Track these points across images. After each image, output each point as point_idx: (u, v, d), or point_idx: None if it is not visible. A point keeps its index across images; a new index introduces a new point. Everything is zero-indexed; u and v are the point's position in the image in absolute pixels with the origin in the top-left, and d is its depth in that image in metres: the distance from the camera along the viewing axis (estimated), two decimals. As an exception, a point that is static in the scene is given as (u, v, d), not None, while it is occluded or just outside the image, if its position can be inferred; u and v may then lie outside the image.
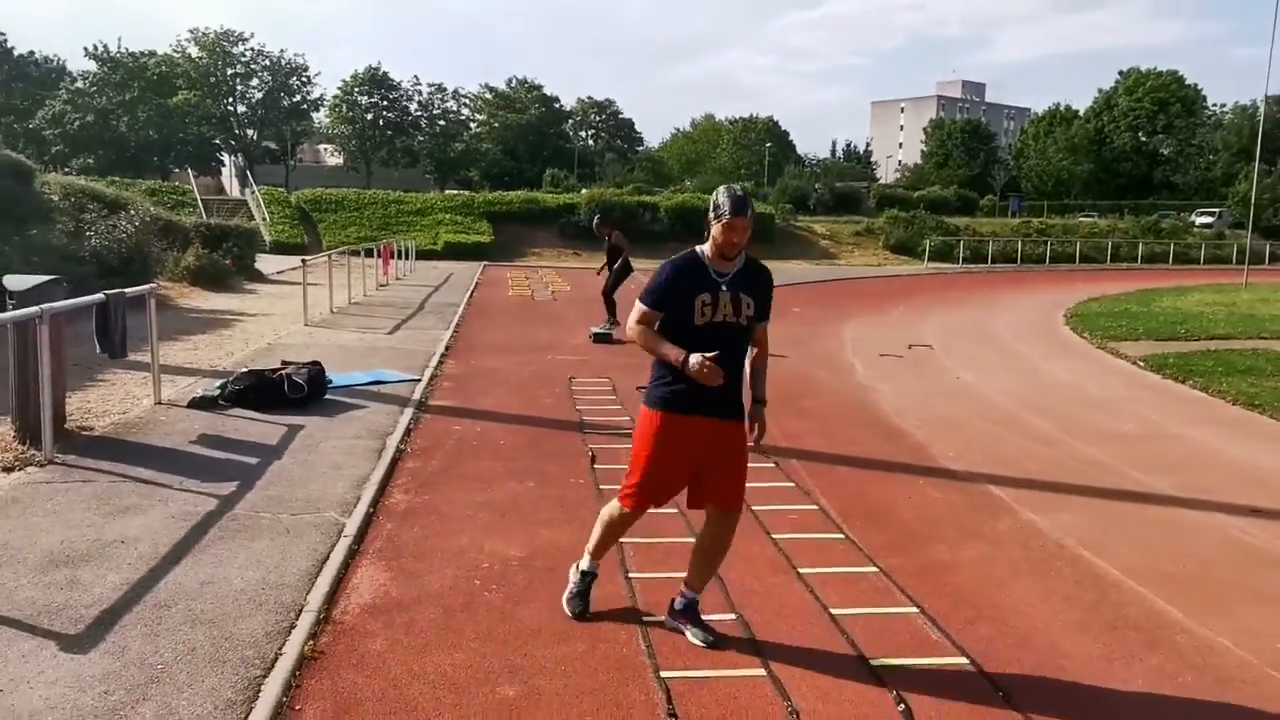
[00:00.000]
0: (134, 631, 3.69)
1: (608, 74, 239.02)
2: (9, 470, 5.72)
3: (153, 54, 67.79)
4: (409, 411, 7.92)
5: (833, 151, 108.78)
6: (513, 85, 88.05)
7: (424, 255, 33.82)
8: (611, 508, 4.00)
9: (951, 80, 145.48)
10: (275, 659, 3.53)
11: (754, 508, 5.67)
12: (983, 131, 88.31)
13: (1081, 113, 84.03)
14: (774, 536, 5.17)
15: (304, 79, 71.58)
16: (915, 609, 4.27)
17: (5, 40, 67.30)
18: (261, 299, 17.88)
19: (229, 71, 68.48)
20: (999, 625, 4.12)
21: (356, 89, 76.94)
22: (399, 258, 26.57)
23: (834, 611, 4.19)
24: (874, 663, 3.72)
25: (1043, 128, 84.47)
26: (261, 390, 7.66)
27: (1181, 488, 6.39)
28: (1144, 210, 62.07)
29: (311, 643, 3.70)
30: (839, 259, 41.23)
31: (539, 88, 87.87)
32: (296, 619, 3.87)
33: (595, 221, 14.70)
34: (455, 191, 56.27)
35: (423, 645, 3.76)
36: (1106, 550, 5.09)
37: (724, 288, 3.70)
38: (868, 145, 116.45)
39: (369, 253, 21.85)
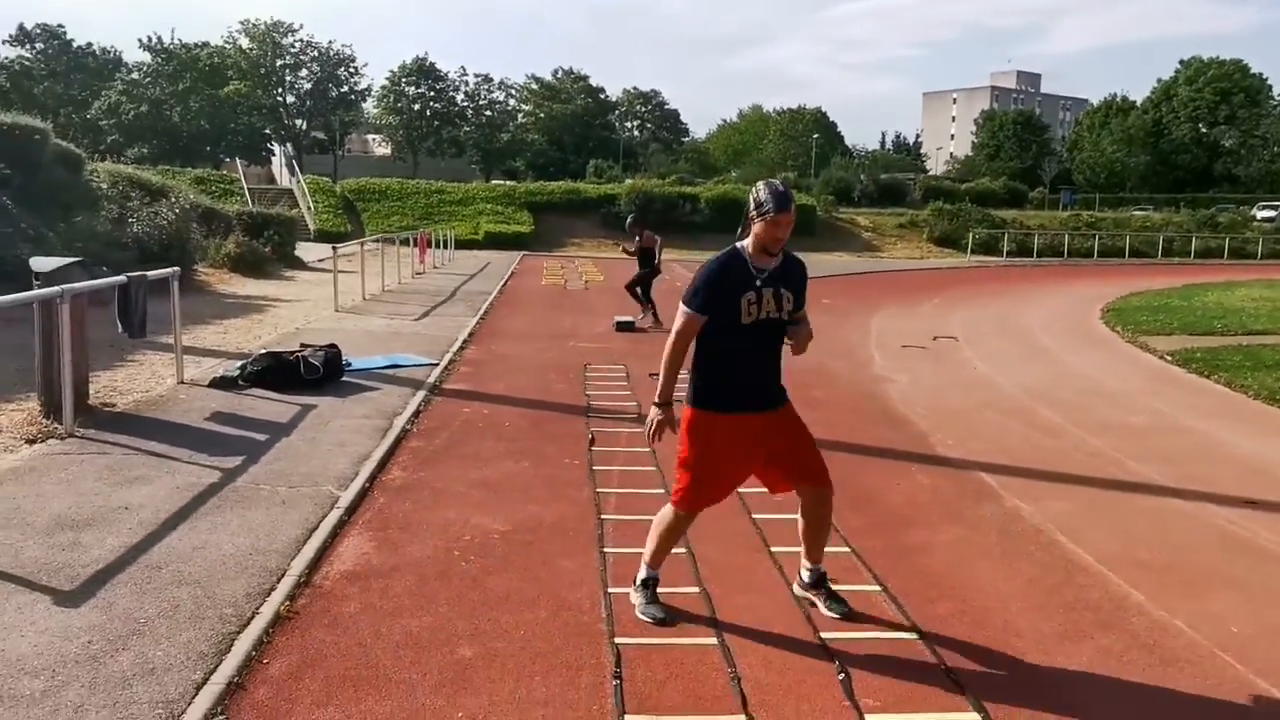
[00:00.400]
0: (123, 589, 3.93)
1: (656, 67, 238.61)
2: (31, 442, 6.02)
3: (205, 45, 69.24)
4: (421, 394, 8.14)
5: (882, 143, 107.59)
6: (559, 76, 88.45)
7: (465, 245, 34.23)
8: (665, 513, 3.97)
9: (1006, 71, 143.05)
10: (251, 618, 3.74)
11: (739, 489, 5.78)
12: (1035, 123, 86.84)
13: (1139, 103, 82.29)
14: (754, 516, 5.28)
15: (351, 69, 72.67)
16: (878, 587, 4.36)
17: (65, 32, 69.15)
18: (298, 285, 18.31)
19: (278, 62, 69.77)
20: (958, 604, 4.20)
21: (404, 79, 77.82)
22: (438, 247, 26.97)
23: (796, 588, 4.30)
24: (825, 636, 3.83)
25: (1098, 119, 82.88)
26: (278, 371, 7.93)
27: (1178, 478, 6.37)
28: (1202, 204, 60.61)
29: (288, 604, 3.90)
30: (881, 251, 40.91)
31: (585, 78, 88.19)
32: (278, 582, 4.08)
33: (629, 221, 14.81)
34: (499, 182, 56.83)
35: (394, 609, 3.94)
36: (1084, 537, 5.13)
37: (766, 284, 3.70)
38: (917, 137, 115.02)
39: (405, 241, 22.20)
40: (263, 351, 8.44)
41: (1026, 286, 25.46)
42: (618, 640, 3.72)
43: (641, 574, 4.03)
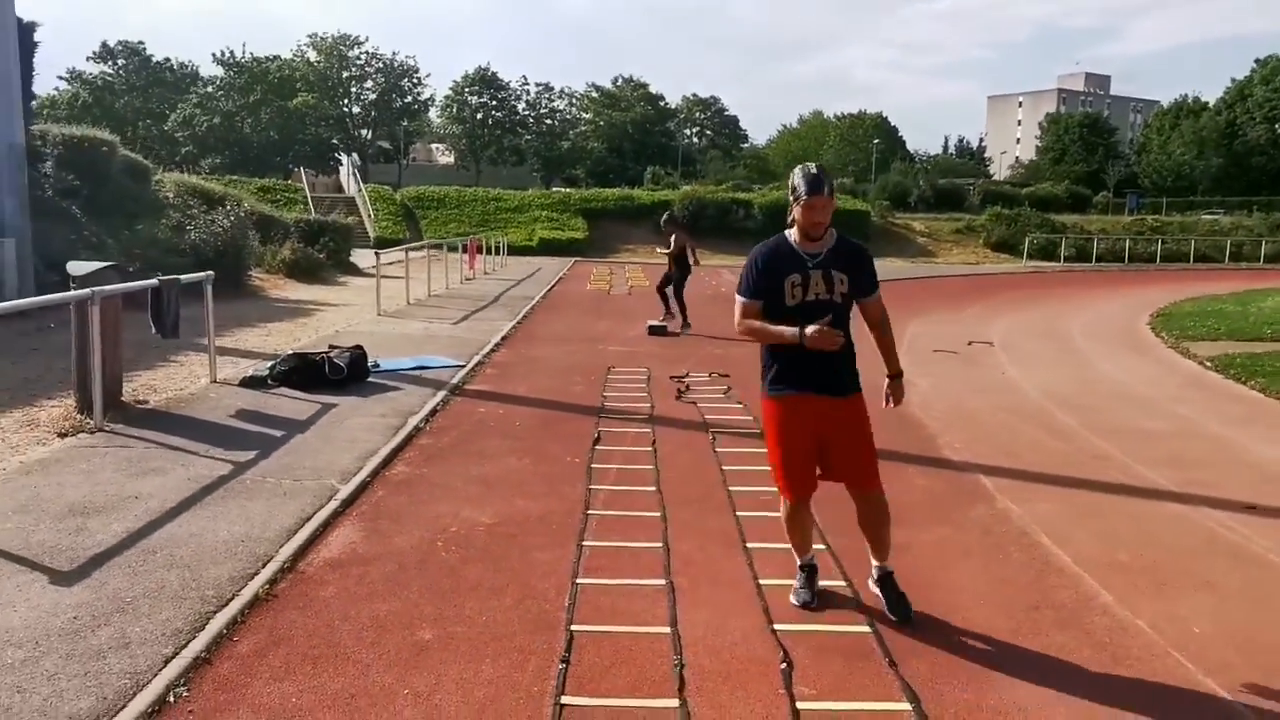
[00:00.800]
0: (117, 571, 4.19)
1: (719, 72, 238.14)
2: (63, 435, 6.38)
3: (275, 58, 71.25)
4: (441, 394, 8.38)
5: (945, 148, 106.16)
6: (618, 84, 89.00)
7: (520, 251, 34.71)
8: (782, 508, 4.11)
9: (1074, 73, 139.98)
10: (230, 599, 3.96)
11: (731, 487, 5.90)
12: (1102, 125, 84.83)
13: (1211, 104, 79.86)
14: (739, 514, 5.38)
15: (415, 80, 74.07)
16: (844, 583, 4.43)
17: (144, 48, 71.80)
18: (348, 291, 18.80)
19: (344, 74, 71.47)
20: (921, 601, 4.24)
21: (467, 89, 79.08)
22: (490, 253, 27.42)
23: (761, 582, 4.40)
24: (778, 627, 3.92)
25: (1167, 121, 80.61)
26: (305, 371, 8.24)
27: (1183, 483, 6.30)
28: (1277, 207, 58.54)
29: (268, 587, 4.12)
30: (936, 256, 40.44)
31: (644, 86, 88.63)
32: (263, 567, 4.31)
33: (662, 220, 14.95)
34: (557, 189, 57.43)
35: (367, 594, 4.14)
36: (1068, 539, 5.12)
37: (814, 267, 3.76)
38: (981, 141, 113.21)
39: (453, 248, 22.64)
40: (290, 353, 8.77)
41: (1078, 292, 24.99)
42: (573, 627, 3.86)
43: (798, 561, 4.21)
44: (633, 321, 14.91)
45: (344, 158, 66.51)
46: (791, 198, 3.75)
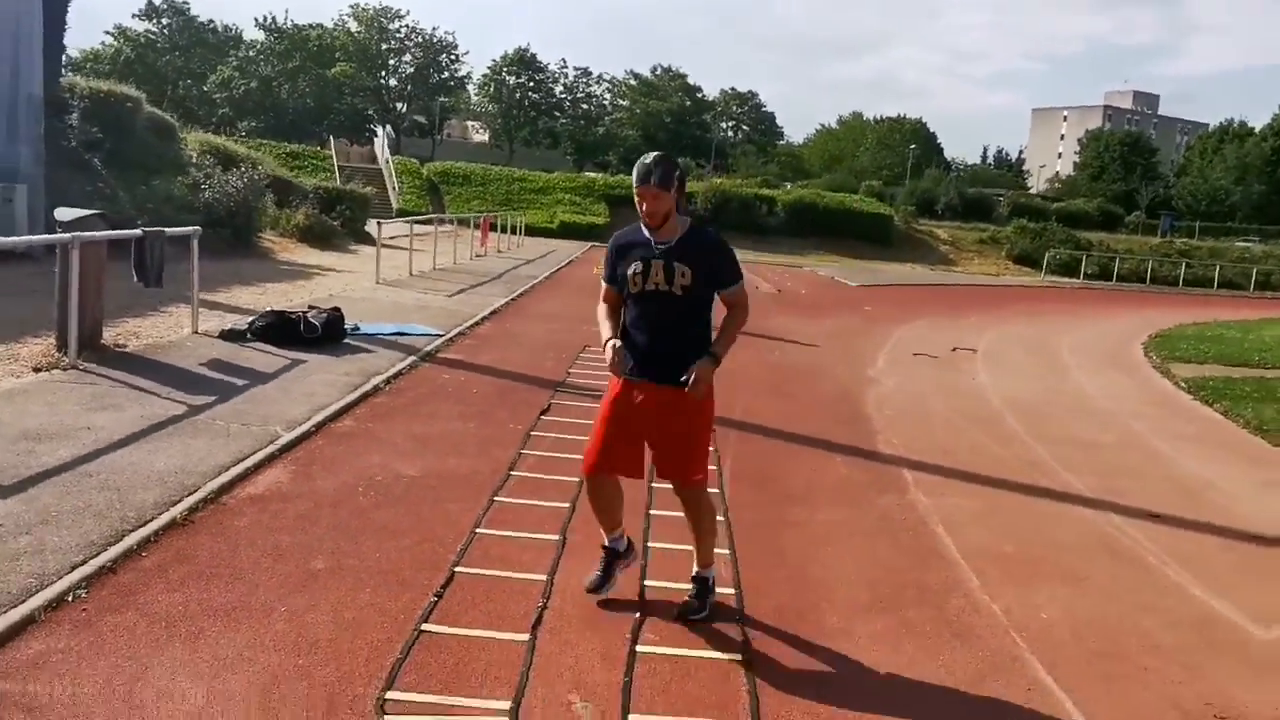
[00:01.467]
0: (51, 489, 4.54)
1: (766, 69, 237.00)
2: (38, 370, 6.76)
3: (316, 26, 72.09)
4: (410, 359, 8.71)
5: (983, 157, 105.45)
6: (657, 73, 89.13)
7: (540, 232, 35.11)
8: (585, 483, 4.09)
9: (1122, 90, 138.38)
10: (149, 521, 4.30)
11: (652, 485, 6.17)
12: (1143, 145, 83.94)
13: (1258, 130, 78.80)
14: (653, 485, 5.65)
15: (452, 56, 74.67)
16: (728, 552, 4.71)
17: (188, 8, 72.77)
18: (357, 258, 19.21)
19: (384, 46, 72.16)
20: (790, 574, 4.52)
21: (505, 69, 79.53)
22: (505, 232, 27.78)
23: (651, 544, 4.68)
24: (648, 583, 4.21)
25: (1210, 144, 79.70)
26: (281, 328, 8.60)
27: (1100, 490, 6.50)
28: (1319, 239, 57.75)
29: (187, 513, 4.46)
30: (957, 265, 40.40)
31: (683, 77, 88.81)
32: (187, 497, 4.64)
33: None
34: (589, 173, 57.77)
35: (278, 527, 4.46)
36: (963, 530, 5.36)
37: (658, 257, 3.75)
38: (1020, 153, 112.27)
39: (465, 223, 23.01)
40: (268, 309, 9.13)
41: (1087, 308, 24.98)
42: (457, 569, 4.17)
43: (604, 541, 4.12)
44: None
45: (379, 130, 67.21)
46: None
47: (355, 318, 10.10)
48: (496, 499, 5.15)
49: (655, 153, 3.87)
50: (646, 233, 3.79)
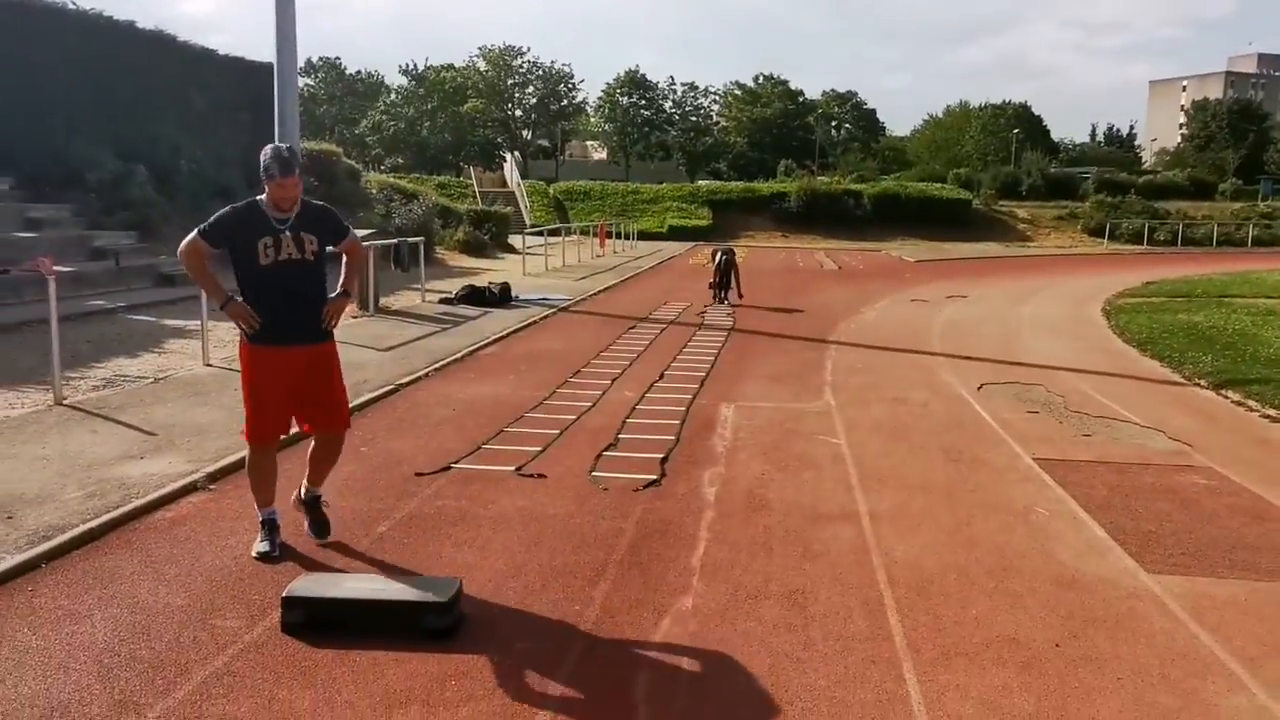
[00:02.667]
0: (406, 351, 10.16)
1: (893, 58, 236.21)
2: (354, 318, 12.53)
3: (449, 67, 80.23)
4: (552, 311, 14.20)
5: (1092, 135, 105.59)
6: (759, 81, 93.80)
7: (651, 237, 40.67)
8: (247, 455, 4.35)
9: (1246, 54, 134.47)
10: (458, 358, 9.86)
11: (676, 358, 11.44)
12: (1254, 111, 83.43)
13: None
14: (670, 367, 10.91)
15: (570, 85, 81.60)
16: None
17: (340, 62, 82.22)
18: (504, 263, 25.09)
19: (509, 81, 79.72)
20: (746, 371, 9.70)
21: (618, 90, 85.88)
22: (621, 238, 33.40)
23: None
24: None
25: (1330, 105, 78.63)
26: (474, 295, 14.28)
27: (945, 350, 11.34)
28: None
29: (469, 352, 9.99)
30: (1033, 241, 43.78)
31: (784, 83, 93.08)
32: (460, 352, 10.18)
33: (719, 256, 19.82)
34: (704, 181, 63.14)
35: (497, 362, 9.93)
36: (843, 359, 10.39)
37: (286, 231, 4.08)
38: (1131, 128, 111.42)
39: (584, 231, 28.66)
40: (465, 286, 14.86)
41: (1118, 269, 28.23)
42: (565, 385, 9.53)
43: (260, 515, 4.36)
44: (704, 283, 20.40)
45: (508, 156, 74.50)
46: (265, 176, 4.01)
47: (515, 292, 15.73)
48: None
49: (282, 145, 4.19)
50: (265, 210, 4.08)
